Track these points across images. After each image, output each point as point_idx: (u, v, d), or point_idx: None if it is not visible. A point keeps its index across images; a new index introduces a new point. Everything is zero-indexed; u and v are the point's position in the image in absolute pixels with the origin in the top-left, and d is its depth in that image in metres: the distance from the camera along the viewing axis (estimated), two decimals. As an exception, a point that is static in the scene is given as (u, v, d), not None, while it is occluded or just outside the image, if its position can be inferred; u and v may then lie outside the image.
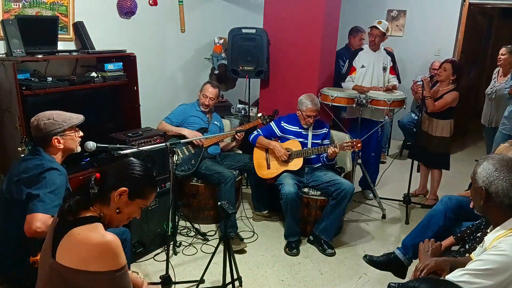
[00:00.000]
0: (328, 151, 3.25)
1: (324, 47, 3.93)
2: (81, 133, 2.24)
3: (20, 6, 3.09)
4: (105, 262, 1.41)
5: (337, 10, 4.11)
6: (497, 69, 4.31)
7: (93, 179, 1.56)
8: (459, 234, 2.35)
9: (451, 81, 3.80)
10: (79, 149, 2.24)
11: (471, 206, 2.61)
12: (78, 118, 2.22)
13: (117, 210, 1.55)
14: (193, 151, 3.52)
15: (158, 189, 3.11)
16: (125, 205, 1.56)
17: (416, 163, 4.12)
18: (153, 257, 3.10)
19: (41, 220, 1.87)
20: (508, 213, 1.62)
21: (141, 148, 2.64)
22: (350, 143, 3.26)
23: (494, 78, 4.31)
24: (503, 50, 4.10)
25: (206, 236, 3.38)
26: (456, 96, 3.78)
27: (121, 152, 2.41)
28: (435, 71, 5.06)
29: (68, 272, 1.40)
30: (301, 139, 3.44)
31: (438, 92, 3.84)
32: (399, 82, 4.17)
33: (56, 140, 2.11)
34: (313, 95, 3.47)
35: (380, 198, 4.01)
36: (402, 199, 3.98)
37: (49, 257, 1.44)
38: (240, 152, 4.02)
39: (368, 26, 4.04)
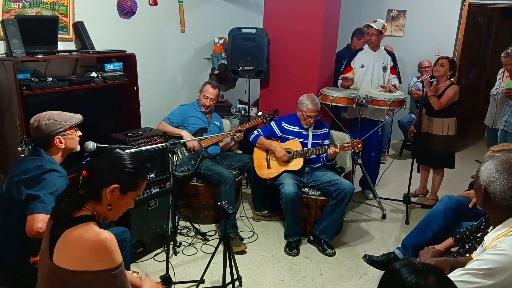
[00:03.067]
0: (328, 151, 3.25)
1: (324, 47, 3.93)
2: (80, 133, 2.24)
3: (20, 6, 3.09)
4: (101, 260, 1.40)
5: (337, 10, 4.12)
6: (502, 69, 4.30)
7: (80, 178, 1.52)
8: (458, 236, 2.35)
9: (448, 76, 3.83)
10: (78, 148, 2.24)
11: (470, 205, 2.62)
12: (77, 117, 2.22)
13: (109, 207, 1.53)
14: (192, 152, 3.52)
15: (158, 189, 3.12)
16: (118, 200, 1.54)
17: (415, 163, 4.11)
18: (153, 257, 3.10)
19: (42, 221, 1.87)
20: (506, 214, 1.63)
21: (141, 148, 2.64)
22: (350, 144, 3.26)
23: (499, 78, 4.30)
24: (507, 60, 4.01)
25: (206, 236, 3.38)
26: (457, 90, 3.81)
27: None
28: (427, 69, 5.07)
29: (66, 274, 1.39)
30: (301, 139, 3.44)
31: (438, 90, 3.85)
32: (400, 82, 4.17)
33: (58, 140, 2.12)
34: (314, 95, 3.47)
35: (380, 198, 4.01)
36: (402, 199, 3.98)
37: (47, 258, 1.44)
38: (240, 152, 4.02)
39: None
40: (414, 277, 1.09)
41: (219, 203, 2.56)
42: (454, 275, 1.59)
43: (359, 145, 3.24)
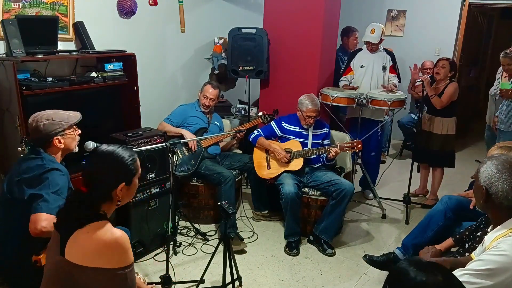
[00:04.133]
0: (330, 154, 3.24)
1: (324, 47, 3.93)
2: (79, 131, 2.23)
3: (20, 6, 3.09)
4: (114, 259, 1.41)
5: (337, 10, 4.12)
6: (500, 68, 4.31)
7: (83, 194, 1.48)
8: (458, 236, 2.36)
9: (448, 77, 3.84)
10: (76, 149, 2.23)
11: (471, 206, 2.62)
12: (76, 116, 2.21)
13: (118, 203, 1.55)
14: (192, 152, 3.52)
15: (158, 189, 3.13)
16: (127, 191, 1.56)
17: (416, 163, 4.12)
18: (153, 257, 3.10)
19: (46, 220, 1.87)
20: (508, 214, 1.63)
21: (141, 148, 2.64)
22: (350, 144, 3.26)
23: (498, 78, 4.32)
24: (504, 60, 4.04)
25: (206, 236, 3.38)
26: (456, 86, 3.82)
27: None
28: (428, 70, 5.08)
29: (77, 269, 1.40)
30: (301, 139, 3.44)
31: (439, 89, 3.86)
32: (399, 81, 4.17)
33: (57, 140, 2.11)
34: (313, 95, 3.47)
35: (380, 198, 4.01)
36: (402, 199, 3.98)
37: (57, 254, 1.44)
38: (240, 152, 4.02)
39: (367, 28, 4.01)
40: (424, 275, 1.09)
41: (219, 203, 2.56)
42: (454, 275, 1.59)
43: (359, 145, 3.24)
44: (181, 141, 3.10)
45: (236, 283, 2.67)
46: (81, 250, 1.41)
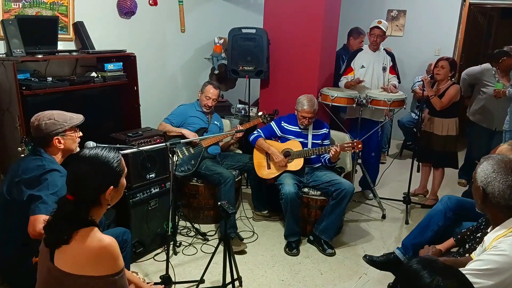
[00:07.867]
0: (331, 153, 3.23)
1: (324, 47, 3.93)
2: (80, 133, 2.24)
3: (20, 6, 3.09)
4: (103, 266, 1.39)
5: (337, 10, 4.11)
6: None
7: (72, 202, 1.45)
8: (459, 236, 2.36)
9: (449, 77, 3.84)
10: (78, 149, 2.24)
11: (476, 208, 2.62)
12: (79, 118, 2.22)
13: (108, 206, 1.53)
14: (193, 151, 3.52)
15: (158, 189, 3.13)
16: (115, 193, 1.53)
17: (416, 162, 4.11)
18: (153, 257, 3.10)
19: (45, 222, 1.86)
20: (507, 214, 1.63)
21: (141, 148, 2.64)
22: (350, 144, 3.26)
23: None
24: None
25: (206, 236, 3.38)
26: (458, 89, 3.82)
27: (121, 152, 2.41)
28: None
29: (66, 277, 1.39)
30: (301, 139, 3.44)
31: (440, 91, 3.85)
32: (399, 82, 4.16)
33: (57, 140, 2.11)
34: (313, 97, 3.43)
35: (380, 198, 4.01)
36: (402, 199, 3.98)
37: (47, 260, 1.43)
38: (240, 152, 4.02)
39: (369, 26, 4.01)
40: (441, 280, 1.06)
41: (219, 203, 2.56)
42: (454, 275, 1.59)
43: (359, 145, 3.24)
44: (181, 141, 3.10)
45: (236, 283, 2.68)
46: (69, 258, 1.39)
